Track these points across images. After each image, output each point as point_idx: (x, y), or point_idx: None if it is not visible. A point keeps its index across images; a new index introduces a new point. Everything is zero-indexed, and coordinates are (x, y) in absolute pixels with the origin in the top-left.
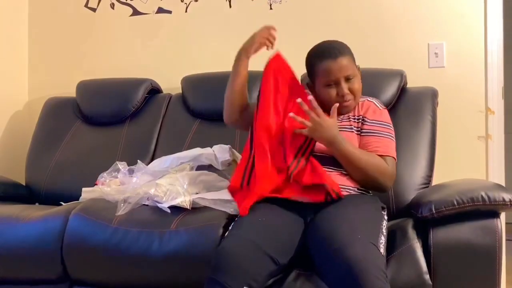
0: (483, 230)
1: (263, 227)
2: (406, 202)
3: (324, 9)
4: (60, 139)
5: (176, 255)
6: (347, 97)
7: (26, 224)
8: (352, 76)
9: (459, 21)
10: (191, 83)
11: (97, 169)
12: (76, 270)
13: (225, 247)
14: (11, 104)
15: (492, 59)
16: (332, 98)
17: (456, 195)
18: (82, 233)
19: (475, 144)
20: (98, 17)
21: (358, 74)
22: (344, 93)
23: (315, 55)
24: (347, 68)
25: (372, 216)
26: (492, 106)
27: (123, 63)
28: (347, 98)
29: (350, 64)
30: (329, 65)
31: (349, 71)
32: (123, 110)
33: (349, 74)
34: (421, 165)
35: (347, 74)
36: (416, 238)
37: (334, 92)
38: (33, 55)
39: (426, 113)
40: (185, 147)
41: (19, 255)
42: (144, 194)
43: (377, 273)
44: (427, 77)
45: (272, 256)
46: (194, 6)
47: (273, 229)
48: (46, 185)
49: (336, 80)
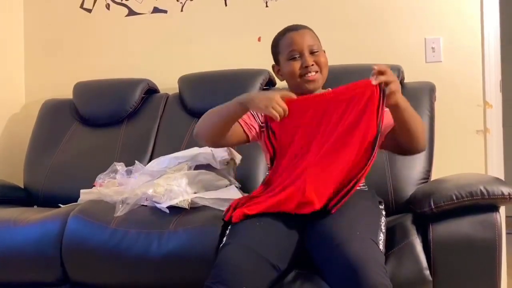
0: (483, 224)
1: (261, 232)
2: (405, 198)
3: (320, 6)
4: (58, 141)
5: (175, 255)
6: (311, 68)
7: (25, 227)
8: (317, 49)
9: (455, 15)
10: (188, 82)
11: (95, 170)
12: (76, 272)
13: (224, 257)
14: (8, 107)
15: (489, 52)
16: (296, 71)
17: (455, 190)
18: (81, 235)
19: (473, 138)
20: (93, 17)
21: (323, 52)
22: (308, 63)
23: (278, 33)
24: (310, 39)
25: (370, 212)
26: (490, 100)
27: (120, 64)
28: (311, 69)
29: (314, 38)
30: (292, 35)
31: (313, 43)
32: (121, 111)
33: (313, 46)
34: (419, 160)
35: (311, 45)
36: (416, 234)
37: (298, 64)
38: (29, 57)
39: (424, 108)
40: (183, 146)
41: (18, 259)
42: (143, 195)
43: (378, 268)
44: (424, 72)
45: (272, 263)
46: (189, 5)
47: (271, 233)
48: (44, 187)
49: (300, 51)
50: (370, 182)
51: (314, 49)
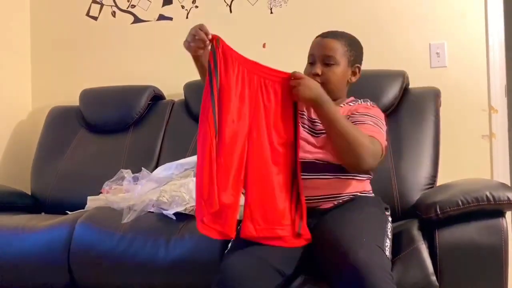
0: (489, 229)
1: None
2: (411, 203)
3: (325, 12)
4: (64, 148)
5: (181, 261)
6: (315, 78)
7: (33, 234)
8: (332, 62)
9: (460, 20)
10: (194, 88)
11: (102, 177)
12: (83, 279)
13: (229, 264)
14: (15, 114)
15: (494, 57)
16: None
17: (460, 195)
18: (89, 241)
19: (479, 143)
20: (99, 25)
21: (345, 68)
22: (312, 72)
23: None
24: (329, 49)
25: (376, 219)
26: (496, 105)
27: (126, 71)
28: (314, 79)
29: (336, 49)
30: (316, 40)
31: (331, 54)
32: (127, 118)
33: (329, 57)
34: (425, 166)
35: (327, 55)
36: (422, 239)
37: (308, 70)
38: (36, 65)
39: (429, 114)
40: (189, 153)
41: (27, 265)
42: (149, 201)
43: (384, 275)
44: (429, 77)
45: (278, 269)
46: (194, 12)
47: None
48: (52, 194)
49: (313, 57)
50: (376, 188)
51: (329, 61)
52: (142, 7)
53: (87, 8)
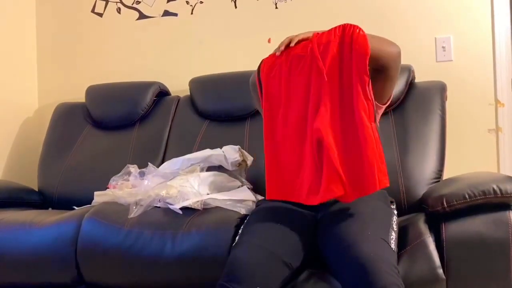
0: (496, 223)
1: (274, 229)
2: (417, 197)
3: (329, 7)
4: (71, 144)
5: (188, 256)
6: None
7: (41, 229)
8: None
9: (465, 14)
10: (199, 84)
11: (108, 172)
12: (91, 274)
13: (238, 256)
14: (22, 111)
15: (500, 51)
16: None
17: (467, 189)
18: (96, 236)
19: (485, 137)
20: (105, 21)
21: None
22: None
23: None
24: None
25: (382, 212)
26: (502, 99)
27: (131, 67)
28: None
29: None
30: None
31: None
32: (133, 114)
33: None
34: (431, 160)
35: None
36: (428, 233)
37: None
38: (41, 62)
39: (435, 108)
40: (195, 148)
41: (34, 260)
42: (156, 196)
43: (389, 269)
44: (435, 71)
45: (285, 261)
46: (199, 8)
47: (284, 230)
48: (59, 190)
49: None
50: None
51: None
52: (147, 3)
53: (92, 4)
